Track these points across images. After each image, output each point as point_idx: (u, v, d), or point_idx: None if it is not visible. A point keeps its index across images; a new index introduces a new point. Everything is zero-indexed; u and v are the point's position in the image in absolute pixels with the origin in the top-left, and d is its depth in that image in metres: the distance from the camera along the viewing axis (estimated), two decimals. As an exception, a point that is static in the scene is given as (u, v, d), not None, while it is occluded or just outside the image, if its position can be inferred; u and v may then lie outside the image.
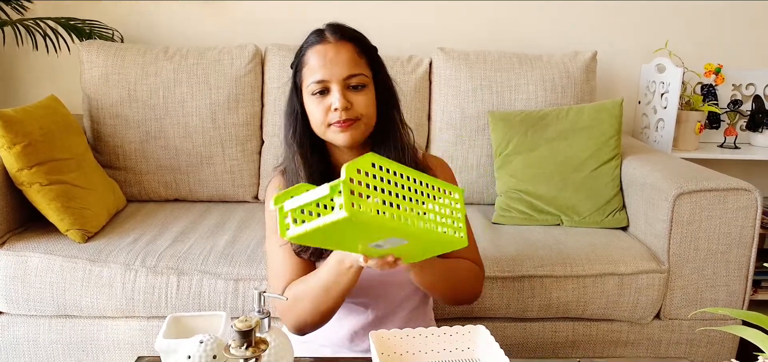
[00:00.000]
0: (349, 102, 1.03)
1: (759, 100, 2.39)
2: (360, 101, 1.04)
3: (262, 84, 2.07)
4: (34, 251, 1.55)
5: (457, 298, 1.15)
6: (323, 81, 1.03)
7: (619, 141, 1.90)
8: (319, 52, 1.04)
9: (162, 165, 2.00)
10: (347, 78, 1.03)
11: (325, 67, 1.03)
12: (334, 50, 1.04)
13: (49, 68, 2.32)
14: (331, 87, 1.04)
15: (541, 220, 1.86)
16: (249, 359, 0.75)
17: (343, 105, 1.02)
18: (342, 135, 1.04)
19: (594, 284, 1.59)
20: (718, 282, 1.64)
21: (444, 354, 0.98)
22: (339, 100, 1.02)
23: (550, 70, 2.07)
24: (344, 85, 1.03)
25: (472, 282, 1.15)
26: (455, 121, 2.05)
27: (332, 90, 1.04)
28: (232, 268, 1.54)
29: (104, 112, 1.98)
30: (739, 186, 1.59)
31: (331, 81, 1.03)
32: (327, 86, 1.04)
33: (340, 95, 1.02)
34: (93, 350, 1.59)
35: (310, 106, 1.06)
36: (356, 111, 1.04)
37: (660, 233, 1.64)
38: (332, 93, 1.04)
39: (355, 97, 1.04)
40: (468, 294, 1.16)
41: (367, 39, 1.10)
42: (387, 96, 1.10)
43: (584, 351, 1.66)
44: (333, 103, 1.03)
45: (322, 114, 1.04)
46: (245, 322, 0.75)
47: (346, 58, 1.03)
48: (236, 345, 0.75)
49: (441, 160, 1.24)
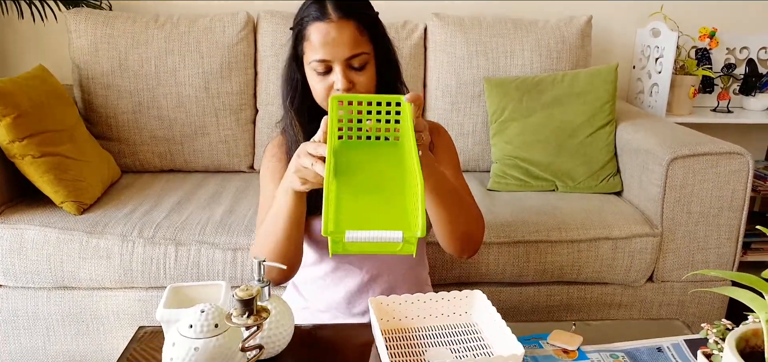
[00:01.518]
0: (351, 82, 1.03)
1: (752, 63, 2.39)
2: (361, 80, 1.04)
3: (254, 52, 2.05)
4: (30, 224, 1.55)
5: (462, 226, 1.07)
6: (325, 61, 1.02)
7: (613, 106, 1.90)
8: (321, 30, 1.02)
9: (156, 135, 1.99)
10: (349, 58, 1.02)
11: (326, 46, 1.01)
12: (337, 30, 1.01)
13: (36, 37, 2.28)
14: (334, 66, 1.03)
15: (536, 186, 1.87)
16: (251, 327, 0.76)
17: (345, 86, 1.02)
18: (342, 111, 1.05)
19: (588, 248, 1.61)
20: (709, 245, 1.67)
21: (442, 318, 1.00)
22: (341, 80, 1.02)
23: (546, 35, 2.05)
24: (346, 65, 1.03)
25: (474, 210, 1.12)
26: (451, 88, 2.04)
27: (334, 69, 1.03)
28: (230, 238, 1.55)
29: (95, 82, 1.95)
30: (731, 150, 1.61)
31: (332, 61, 1.02)
32: (329, 66, 1.03)
33: (342, 76, 1.02)
34: (92, 321, 1.60)
35: (312, 81, 1.06)
36: (357, 89, 1.04)
37: (653, 197, 1.66)
38: (334, 72, 1.03)
39: (357, 76, 1.04)
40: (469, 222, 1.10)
41: (369, 8, 1.08)
42: (387, 65, 1.10)
43: (578, 313, 1.69)
44: (335, 83, 1.03)
45: (325, 91, 1.04)
46: (246, 291, 0.75)
47: (348, 38, 1.02)
48: (238, 314, 0.76)
49: (438, 125, 1.24)
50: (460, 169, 1.21)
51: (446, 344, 0.95)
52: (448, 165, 1.17)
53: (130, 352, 0.95)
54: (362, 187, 0.84)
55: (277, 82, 2.01)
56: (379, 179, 0.87)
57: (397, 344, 0.95)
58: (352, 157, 0.90)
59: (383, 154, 0.91)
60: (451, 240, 1.07)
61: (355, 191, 0.83)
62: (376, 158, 0.91)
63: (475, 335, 0.97)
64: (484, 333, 0.97)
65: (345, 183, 0.84)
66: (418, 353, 0.93)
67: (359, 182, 0.85)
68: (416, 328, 0.99)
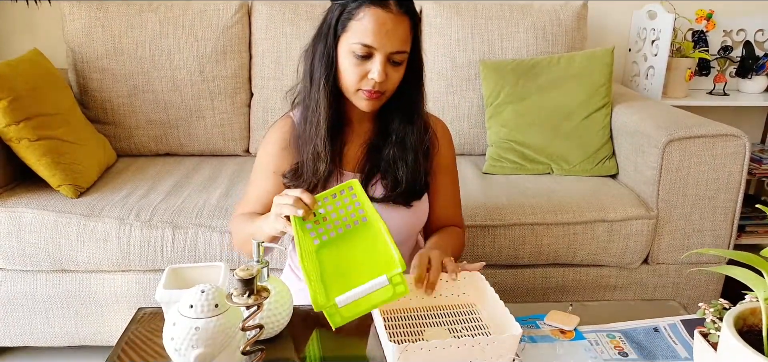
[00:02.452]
0: (386, 75, 1.03)
1: (749, 45, 2.39)
2: (394, 76, 1.05)
3: (249, 35, 2.04)
4: (27, 207, 1.54)
5: None
6: (371, 48, 1.01)
7: (609, 89, 1.90)
8: (379, 17, 1.00)
9: (151, 119, 1.98)
10: (393, 53, 1.02)
11: (379, 35, 1.00)
12: (394, 22, 1.00)
13: (30, 22, 2.26)
14: (375, 55, 1.02)
15: (531, 169, 1.87)
16: (251, 307, 0.76)
17: (381, 79, 1.02)
18: (366, 102, 1.06)
19: (584, 231, 1.62)
20: (704, 227, 1.68)
21: (440, 299, 1.01)
22: (380, 72, 1.01)
23: (541, 18, 2.05)
24: (388, 58, 1.02)
25: (459, 241, 1.22)
26: (446, 71, 2.03)
27: (375, 59, 1.02)
28: (227, 221, 1.55)
29: (89, 65, 1.94)
30: (727, 132, 1.61)
31: (378, 50, 1.01)
32: (372, 53, 1.02)
33: (381, 68, 1.01)
34: (91, 303, 1.61)
35: (345, 63, 1.04)
36: (386, 85, 1.04)
37: (649, 180, 1.67)
38: (374, 62, 1.02)
39: (392, 71, 1.04)
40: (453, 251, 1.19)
41: (416, 10, 1.08)
42: (415, 68, 1.10)
43: (574, 295, 1.71)
44: (371, 73, 1.02)
45: (357, 77, 1.04)
46: (247, 271, 0.76)
47: (402, 33, 1.02)
48: (238, 294, 0.76)
49: (440, 122, 1.25)
50: (456, 170, 1.25)
51: (445, 324, 0.96)
52: (449, 171, 1.22)
53: (130, 333, 0.95)
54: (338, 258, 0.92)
55: (271, 65, 2.00)
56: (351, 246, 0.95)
57: (397, 323, 0.96)
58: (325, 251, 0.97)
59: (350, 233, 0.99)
60: None
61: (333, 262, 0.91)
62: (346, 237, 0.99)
63: (473, 315, 0.98)
64: (483, 314, 0.98)
65: (321, 259, 0.92)
66: (417, 332, 0.94)
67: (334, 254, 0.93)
68: (416, 308, 1.00)
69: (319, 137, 1.09)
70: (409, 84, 1.10)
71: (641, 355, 0.89)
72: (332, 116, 1.09)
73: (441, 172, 1.21)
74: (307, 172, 1.12)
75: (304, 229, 0.96)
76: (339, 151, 1.15)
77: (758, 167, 2.28)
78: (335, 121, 1.10)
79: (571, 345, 0.91)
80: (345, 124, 1.15)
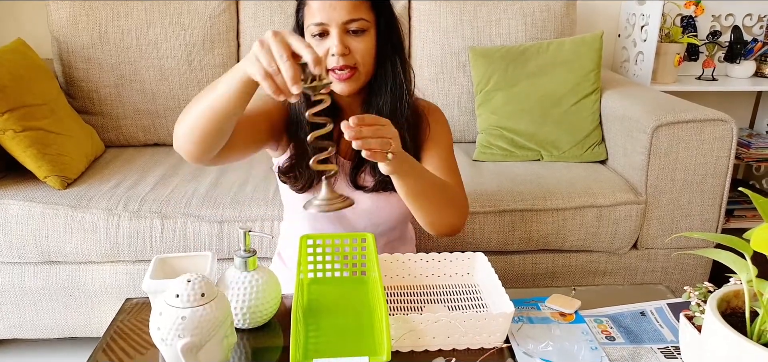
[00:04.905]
0: (347, 47, 1.02)
1: (737, 30, 2.40)
2: (358, 47, 1.03)
3: (237, 23, 2.02)
4: (14, 199, 1.53)
5: (441, 215, 1.06)
6: (322, 24, 1.01)
7: (598, 75, 1.90)
8: None
9: (139, 109, 1.96)
10: (347, 22, 1.01)
11: (324, 9, 1.01)
12: None
13: (13, 11, 2.22)
14: (331, 30, 1.02)
15: (521, 156, 1.88)
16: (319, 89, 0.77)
17: (340, 50, 1.01)
18: (340, 85, 1.04)
19: (573, 216, 1.63)
20: (693, 212, 1.69)
21: (444, 278, 1.03)
22: (337, 45, 1.01)
23: (530, 4, 2.04)
24: (343, 30, 1.01)
25: (459, 201, 1.12)
26: (435, 58, 2.03)
27: (331, 34, 1.02)
28: (216, 211, 1.54)
29: (75, 55, 1.92)
30: (715, 117, 1.62)
31: (330, 24, 1.01)
32: (326, 29, 1.02)
33: (338, 41, 1.01)
34: (80, 294, 1.60)
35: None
36: (354, 57, 1.03)
37: (638, 165, 1.67)
38: (331, 37, 1.02)
39: (354, 42, 1.03)
40: (453, 214, 1.09)
41: None
42: (389, 40, 1.07)
43: (563, 281, 1.72)
44: (331, 48, 1.02)
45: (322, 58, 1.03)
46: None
47: (346, 1, 1.01)
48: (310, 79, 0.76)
49: (433, 105, 1.21)
50: (453, 150, 1.20)
51: (445, 302, 0.98)
52: (442, 147, 1.16)
53: (117, 323, 0.95)
54: (330, 315, 0.92)
55: (261, 53, 1.98)
56: (347, 306, 0.94)
57: (399, 299, 0.99)
58: (321, 288, 0.99)
59: (351, 284, 1.00)
60: (432, 228, 1.08)
61: (324, 319, 0.90)
62: (345, 289, 0.99)
63: (475, 295, 1.00)
64: (484, 294, 1.00)
65: (313, 311, 0.92)
66: (417, 308, 0.97)
67: (327, 311, 0.93)
68: (418, 286, 1.02)
69: (301, 128, 1.09)
70: (388, 59, 1.08)
71: (628, 339, 0.89)
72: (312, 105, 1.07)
73: (435, 154, 1.16)
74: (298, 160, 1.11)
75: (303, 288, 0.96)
76: (335, 139, 1.14)
77: (746, 152, 2.30)
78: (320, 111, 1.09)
79: (568, 327, 0.91)
80: (336, 112, 1.13)
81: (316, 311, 0.93)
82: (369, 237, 1.00)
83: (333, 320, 0.91)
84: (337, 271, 1.03)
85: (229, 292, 0.89)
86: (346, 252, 1.02)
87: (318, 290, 0.99)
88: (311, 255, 1.01)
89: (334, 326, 0.89)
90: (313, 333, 0.87)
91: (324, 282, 1.02)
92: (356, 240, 1.02)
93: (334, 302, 0.96)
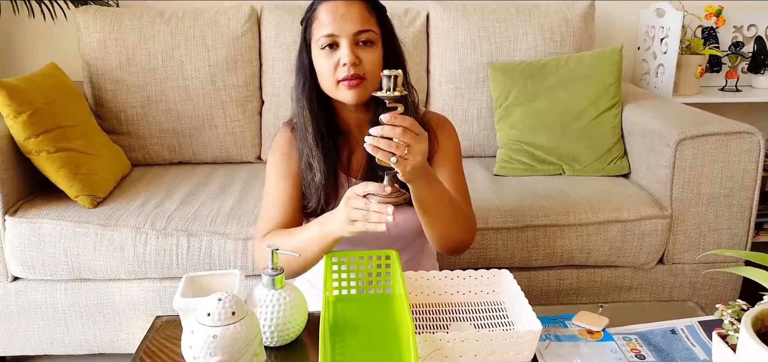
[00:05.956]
0: (358, 58, 1.05)
1: (761, 41, 2.37)
2: (368, 58, 1.05)
3: (259, 44, 2.06)
4: (46, 218, 1.57)
5: (451, 232, 1.09)
6: (332, 35, 1.04)
7: (619, 88, 1.90)
8: (330, 7, 1.05)
9: (164, 128, 2.01)
10: (357, 34, 1.04)
11: (335, 21, 1.04)
12: (345, 6, 1.04)
13: (46, 36, 2.30)
14: (340, 42, 1.04)
15: (542, 170, 1.87)
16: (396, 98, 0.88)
17: (351, 60, 1.03)
18: (349, 93, 1.06)
19: (597, 232, 1.61)
20: (720, 226, 1.67)
21: (469, 295, 1.03)
22: (347, 55, 1.03)
23: (549, 18, 2.05)
24: (353, 41, 1.04)
25: (469, 221, 1.13)
26: (454, 74, 2.04)
27: (341, 45, 1.04)
28: (241, 228, 1.56)
29: (104, 77, 1.97)
30: (741, 130, 1.60)
31: (340, 36, 1.04)
32: (336, 41, 1.05)
33: (348, 50, 1.03)
34: (109, 311, 1.63)
35: (319, 61, 1.07)
36: (364, 68, 1.05)
37: (662, 179, 1.66)
38: (341, 48, 1.04)
39: (364, 53, 1.05)
40: (461, 232, 1.11)
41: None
42: (394, 56, 1.11)
43: (588, 297, 1.70)
44: (341, 58, 1.04)
45: (331, 70, 1.06)
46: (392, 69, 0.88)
47: (356, 13, 1.04)
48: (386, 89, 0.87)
49: (442, 118, 1.23)
50: (461, 165, 1.21)
51: (471, 319, 0.98)
52: (450, 162, 1.18)
53: (148, 341, 0.97)
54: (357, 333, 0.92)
55: (281, 73, 2.02)
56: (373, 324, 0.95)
57: (424, 317, 0.99)
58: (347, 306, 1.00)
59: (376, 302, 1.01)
60: (439, 245, 1.11)
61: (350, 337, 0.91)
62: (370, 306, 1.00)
63: (500, 313, 1.00)
64: (510, 312, 0.99)
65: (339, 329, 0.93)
66: (443, 326, 0.97)
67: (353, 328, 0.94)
68: (443, 303, 1.02)
69: (307, 146, 1.12)
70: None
71: (659, 358, 0.88)
72: (319, 124, 1.11)
73: (443, 166, 1.18)
74: (305, 182, 1.14)
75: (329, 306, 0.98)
76: (346, 160, 1.16)
77: (773, 163, 2.25)
78: (327, 130, 1.12)
79: (597, 346, 0.91)
80: (344, 132, 1.17)
81: (342, 329, 0.94)
82: (393, 255, 1.01)
83: (359, 338, 0.92)
84: (362, 289, 1.04)
85: (257, 310, 0.90)
86: (371, 269, 1.03)
87: (344, 308, 1.00)
88: (336, 273, 1.02)
89: (361, 344, 0.90)
90: (339, 351, 0.88)
91: (349, 299, 1.03)
92: (381, 257, 1.02)
93: (360, 320, 0.97)
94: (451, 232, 1.08)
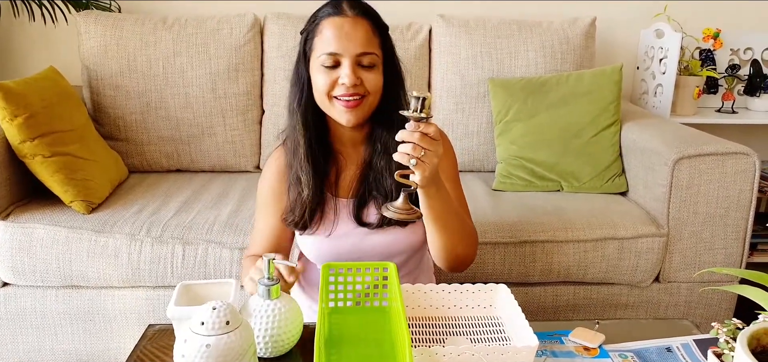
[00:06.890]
0: (359, 79, 1.03)
1: (757, 64, 2.39)
2: (369, 79, 1.04)
3: (261, 53, 2.06)
4: (39, 222, 1.56)
5: (457, 249, 1.09)
6: (335, 54, 1.02)
7: (618, 107, 1.90)
8: (335, 24, 1.03)
9: (163, 135, 2.00)
10: (360, 55, 1.03)
11: (339, 40, 1.02)
12: (351, 25, 1.03)
13: (46, 39, 2.30)
14: (343, 61, 1.03)
15: (541, 186, 1.87)
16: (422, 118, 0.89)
17: (352, 81, 1.02)
18: (347, 114, 1.05)
19: (594, 248, 1.61)
20: (716, 246, 1.67)
21: (466, 309, 1.03)
22: (349, 76, 1.02)
23: (550, 36, 2.06)
24: (356, 62, 1.03)
25: (472, 236, 1.13)
26: (455, 89, 2.04)
27: (343, 64, 1.03)
28: (237, 237, 1.56)
29: (104, 83, 1.97)
30: (737, 150, 1.61)
31: (343, 55, 1.02)
32: (338, 60, 1.03)
33: (350, 71, 1.02)
34: (100, 319, 1.62)
35: (316, 76, 1.06)
36: (364, 87, 1.04)
37: (659, 197, 1.66)
38: (343, 67, 1.03)
39: (365, 74, 1.04)
40: (466, 246, 1.12)
41: (380, 17, 1.09)
42: (393, 76, 1.10)
43: (585, 313, 1.69)
44: (341, 78, 1.03)
45: (328, 85, 1.04)
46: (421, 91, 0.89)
47: (361, 34, 1.03)
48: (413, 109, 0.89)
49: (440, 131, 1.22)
50: (459, 178, 1.21)
51: (467, 334, 0.97)
52: (449, 177, 1.17)
53: (140, 350, 0.96)
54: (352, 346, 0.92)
55: (283, 83, 2.02)
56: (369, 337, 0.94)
57: (421, 330, 0.98)
58: (343, 318, 0.99)
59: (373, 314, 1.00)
60: (444, 260, 1.10)
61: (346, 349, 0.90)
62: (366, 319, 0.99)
63: (497, 327, 0.99)
64: (506, 326, 0.99)
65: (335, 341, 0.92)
66: (439, 340, 0.96)
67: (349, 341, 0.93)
68: (439, 317, 1.02)
69: (297, 160, 1.10)
70: (389, 92, 1.10)
71: (654, 375, 0.88)
72: (311, 139, 1.10)
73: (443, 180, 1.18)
74: (292, 197, 1.12)
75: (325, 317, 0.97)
76: (333, 179, 1.15)
77: (769, 185, 2.26)
78: (319, 147, 1.11)
79: (591, 363, 0.90)
80: (336, 151, 1.15)
81: (337, 341, 0.93)
82: (391, 267, 1.00)
83: (355, 350, 0.91)
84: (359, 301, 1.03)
85: (252, 320, 0.89)
86: (368, 281, 1.02)
87: (339, 320, 0.99)
88: (333, 284, 1.02)
89: (357, 356, 0.89)
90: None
91: (345, 311, 1.02)
92: (378, 269, 1.02)
93: (355, 332, 0.96)
94: (457, 247, 1.08)
